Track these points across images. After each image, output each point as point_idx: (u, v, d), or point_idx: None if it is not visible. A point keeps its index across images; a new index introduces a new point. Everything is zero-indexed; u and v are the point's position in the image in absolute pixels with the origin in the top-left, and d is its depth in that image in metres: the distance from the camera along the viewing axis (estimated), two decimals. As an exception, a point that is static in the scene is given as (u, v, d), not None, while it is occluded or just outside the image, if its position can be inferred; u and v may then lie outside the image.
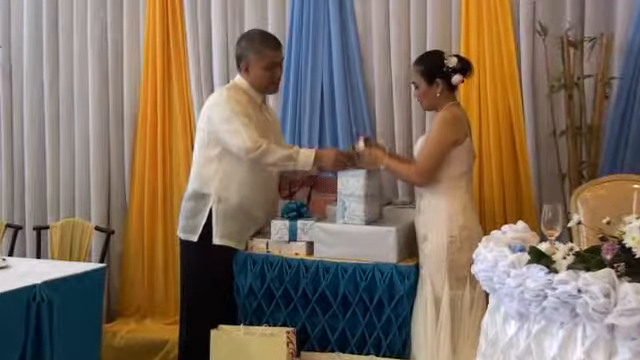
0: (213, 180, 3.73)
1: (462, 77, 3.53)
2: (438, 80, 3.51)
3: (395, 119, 4.36)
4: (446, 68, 3.50)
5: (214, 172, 3.73)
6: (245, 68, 3.79)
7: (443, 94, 3.52)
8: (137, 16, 4.98)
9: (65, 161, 5.20)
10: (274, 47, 3.80)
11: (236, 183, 3.72)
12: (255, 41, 3.79)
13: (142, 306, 5.02)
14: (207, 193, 3.74)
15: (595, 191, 3.57)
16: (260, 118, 3.80)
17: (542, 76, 4.02)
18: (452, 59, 3.51)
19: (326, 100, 4.50)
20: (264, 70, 3.75)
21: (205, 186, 3.76)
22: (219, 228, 3.73)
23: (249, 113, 3.70)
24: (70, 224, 4.70)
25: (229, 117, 3.66)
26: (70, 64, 5.15)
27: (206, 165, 3.76)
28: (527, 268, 2.27)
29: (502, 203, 4.13)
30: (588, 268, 2.19)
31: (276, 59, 3.79)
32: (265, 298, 3.71)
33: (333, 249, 3.64)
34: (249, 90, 3.80)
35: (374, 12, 4.39)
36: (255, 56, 3.75)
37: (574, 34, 3.87)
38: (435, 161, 3.44)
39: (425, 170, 3.46)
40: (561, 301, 2.13)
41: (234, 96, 3.73)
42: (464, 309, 3.44)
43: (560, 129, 3.94)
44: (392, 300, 3.50)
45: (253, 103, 3.80)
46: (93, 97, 5.05)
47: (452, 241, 3.42)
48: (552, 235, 2.46)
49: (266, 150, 3.61)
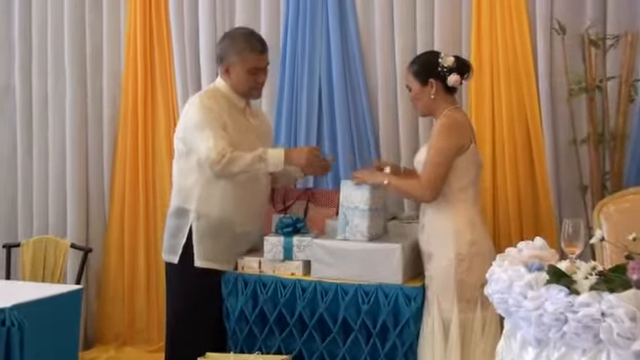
0: (193, 193, 3.73)
1: (460, 78, 3.52)
2: (432, 80, 3.50)
3: (400, 123, 4.37)
4: (441, 67, 3.50)
5: (193, 184, 3.72)
6: (225, 70, 3.79)
7: (439, 97, 3.52)
8: (117, 14, 5.01)
9: (38, 172, 5.20)
10: (258, 50, 3.77)
11: (217, 196, 3.71)
12: (237, 42, 3.77)
13: (122, 332, 5.02)
14: (188, 209, 3.74)
15: (619, 204, 3.57)
16: (242, 123, 3.79)
17: (561, 79, 4.03)
18: (448, 58, 3.51)
19: (324, 102, 4.51)
20: (245, 74, 3.75)
21: (186, 201, 3.75)
22: (201, 248, 3.72)
23: (224, 120, 3.68)
24: (43, 241, 4.68)
25: (198, 126, 3.65)
26: (44, 67, 5.16)
27: (185, 176, 3.75)
28: (546, 289, 2.26)
29: (518, 218, 4.14)
30: (612, 289, 2.18)
31: (259, 64, 3.78)
32: (257, 323, 3.70)
33: (332, 268, 3.63)
34: (229, 93, 3.80)
35: (376, 6, 4.40)
36: (236, 58, 3.74)
37: (595, 32, 3.88)
38: (440, 173, 3.43)
39: (432, 183, 3.44)
40: (583, 325, 2.13)
41: (207, 103, 3.70)
42: (475, 334, 3.42)
43: (581, 136, 3.95)
44: (397, 325, 3.50)
45: (234, 107, 3.79)
46: (69, 102, 5.06)
47: (460, 260, 3.41)
48: (573, 253, 2.46)
49: (231, 159, 3.58)
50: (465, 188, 3.49)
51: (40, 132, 5.19)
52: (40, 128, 5.19)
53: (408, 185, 3.60)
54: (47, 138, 5.16)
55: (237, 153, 3.60)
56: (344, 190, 3.66)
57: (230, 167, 3.60)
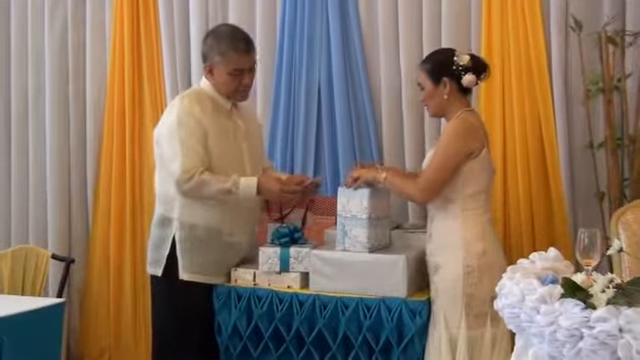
0: (176, 201, 3.72)
1: (475, 78, 3.53)
2: (446, 79, 3.51)
3: (405, 127, 4.37)
4: (456, 66, 3.50)
5: (176, 191, 3.69)
6: (209, 70, 3.78)
7: (452, 97, 3.52)
8: (102, 11, 5.02)
9: (18, 178, 5.21)
10: (243, 51, 3.75)
11: (202, 204, 3.70)
12: (222, 41, 3.75)
13: (107, 348, 5.03)
14: (171, 218, 3.75)
15: (639, 213, 3.57)
16: (228, 127, 3.79)
17: (577, 78, 4.03)
18: (464, 57, 3.51)
19: (324, 105, 4.51)
20: (229, 76, 3.74)
21: (170, 209, 3.75)
22: (186, 261, 3.72)
23: (205, 128, 3.67)
24: (23, 252, 4.68)
25: (171, 135, 3.66)
26: (24, 68, 5.18)
27: (168, 183, 3.72)
28: (560, 303, 2.26)
29: (530, 227, 4.14)
30: (631, 303, 2.18)
31: (244, 65, 3.75)
32: (252, 339, 3.70)
33: (332, 281, 3.63)
34: (214, 94, 3.79)
35: (380, 5, 4.40)
36: (219, 59, 3.73)
37: (613, 29, 3.88)
38: (443, 176, 3.44)
39: (429, 185, 3.46)
40: (600, 342, 2.12)
41: (188, 107, 3.69)
42: (484, 351, 3.42)
43: (598, 140, 3.95)
44: (401, 341, 3.49)
45: (220, 109, 3.79)
46: (51, 104, 5.07)
47: (469, 272, 3.41)
48: (589, 265, 2.45)
49: (199, 183, 3.59)
50: (476, 195, 3.49)
51: (19, 137, 5.20)
52: (19, 133, 5.20)
53: (404, 183, 3.61)
54: (27, 144, 5.17)
55: (206, 177, 3.60)
56: (341, 198, 3.66)
57: (198, 191, 3.62)
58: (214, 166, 3.67)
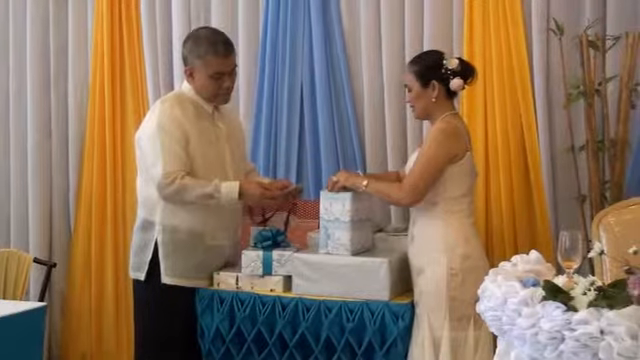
0: (158, 205, 3.71)
1: (463, 82, 3.54)
2: (434, 82, 3.52)
3: (387, 130, 4.37)
4: (444, 70, 3.51)
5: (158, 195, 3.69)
6: (189, 74, 3.78)
7: (439, 100, 3.53)
8: (84, 13, 5.00)
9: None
10: (222, 54, 3.73)
11: (184, 207, 3.69)
12: (201, 44, 3.74)
13: (89, 352, 5.01)
14: (153, 221, 3.74)
15: (620, 216, 3.58)
16: (210, 130, 3.78)
17: (558, 82, 4.04)
18: (453, 60, 3.52)
19: (306, 107, 4.51)
20: (209, 79, 3.73)
21: (151, 213, 3.75)
22: (168, 264, 3.71)
23: (186, 132, 3.66)
24: (5, 255, 4.64)
25: (152, 138, 3.66)
26: (5, 71, 5.15)
27: (149, 187, 3.71)
28: (541, 306, 2.27)
29: (512, 230, 4.15)
30: (612, 305, 2.19)
31: (223, 68, 3.74)
32: (234, 342, 3.70)
33: (315, 284, 3.63)
34: (195, 98, 3.78)
35: (362, 8, 4.41)
36: (199, 62, 3.72)
37: (594, 33, 3.90)
38: (427, 179, 3.44)
39: (414, 188, 3.46)
40: (581, 344, 2.13)
41: (170, 111, 3.69)
42: (467, 353, 3.44)
43: (579, 143, 3.96)
44: (384, 344, 3.50)
45: (201, 113, 3.78)
46: (32, 107, 5.05)
47: (453, 274, 3.42)
48: (570, 267, 2.47)
49: (181, 187, 3.59)
50: (460, 199, 3.51)
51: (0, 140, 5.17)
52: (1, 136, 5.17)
53: (388, 187, 3.62)
54: (8, 147, 5.15)
55: (188, 182, 3.60)
56: (323, 201, 3.66)
57: (179, 196, 3.61)
58: (196, 170, 3.67)
